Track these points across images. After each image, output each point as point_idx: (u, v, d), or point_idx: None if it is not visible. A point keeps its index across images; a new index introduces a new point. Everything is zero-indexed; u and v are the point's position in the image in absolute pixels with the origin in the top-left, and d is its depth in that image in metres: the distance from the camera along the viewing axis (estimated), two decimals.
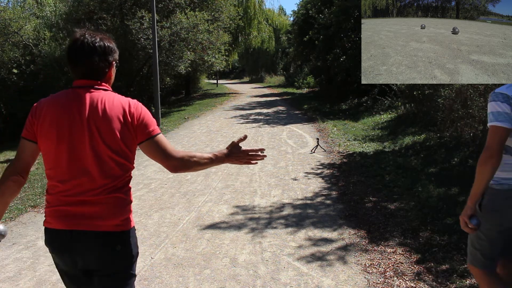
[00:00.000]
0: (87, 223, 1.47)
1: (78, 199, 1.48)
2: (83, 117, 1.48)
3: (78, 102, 1.50)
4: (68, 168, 1.48)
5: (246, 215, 3.96)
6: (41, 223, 3.96)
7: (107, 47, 1.58)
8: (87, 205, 1.48)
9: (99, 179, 1.48)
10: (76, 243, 1.48)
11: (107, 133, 1.48)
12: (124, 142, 1.50)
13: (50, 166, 1.52)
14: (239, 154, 1.68)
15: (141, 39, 13.30)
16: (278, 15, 35.21)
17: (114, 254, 1.51)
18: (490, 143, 1.81)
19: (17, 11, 14.48)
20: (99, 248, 1.49)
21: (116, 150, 1.49)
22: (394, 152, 6.16)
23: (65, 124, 1.48)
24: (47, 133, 1.49)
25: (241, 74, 47.03)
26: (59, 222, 1.49)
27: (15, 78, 13.38)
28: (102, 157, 1.48)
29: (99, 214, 1.48)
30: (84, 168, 1.48)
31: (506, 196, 1.81)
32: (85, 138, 1.47)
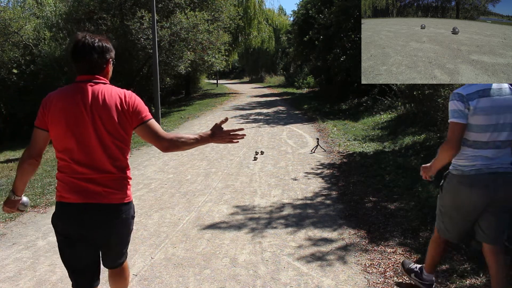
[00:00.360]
0: (96, 197, 1.78)
1: (87, 177, 1.77)
2: (87, 106, 1.76)
3: (82, 93, 1.78)
4: (77, 151, 1.77)
5: (246, 215, 3.96)
6: (41, 223, 3.97)
7: (104, 46, 1.84)
8: (95, 183, 1.78)
9: (104, 160, 1.78)
10: (87, 214, 1.78)
11: (107, 120, 1.76)
12: (122, 127, 1.79)
13: (60, 149, 1.80)
14: (222, 134, 1.92)
15: (141, 39, 13.30)
16: (278, 15, 35.22)
17: (119, 221, 1.86)
18: (450, 136, 2.14)
19: (17, 11, 14.47)
20: (108, 217, 1.82)
21: (115, 135, 1.79)
22: (394, 152, 6.16)
23: (72, 113, 1.76)
24: (57, 121, 1.77)
25: (241, 74, 47.03)
26: (72, 196, 1.78)
27: (15, 78, 13.37)
28: (104, 142, 1.78)
29: (105, 190, 1.79)
30: (91, 150, 1.77)
31: (459, 181, 2.16)
32: (89, 125, 1.76)
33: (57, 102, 1.79)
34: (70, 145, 1.77)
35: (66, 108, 1.77)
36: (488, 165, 2.11)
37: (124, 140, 1.83)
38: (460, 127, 2.10)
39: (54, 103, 1.79)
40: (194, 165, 6.18)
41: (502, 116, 2.09)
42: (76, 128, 1.76)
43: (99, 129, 1.76)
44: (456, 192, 2.19)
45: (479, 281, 2.55)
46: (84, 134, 1.76)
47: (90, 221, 1.79)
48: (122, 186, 1.85)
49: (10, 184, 5.51)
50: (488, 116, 2.08)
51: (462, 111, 2.09)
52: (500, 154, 2.13)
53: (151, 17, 11.56)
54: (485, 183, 2.10)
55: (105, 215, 1.81)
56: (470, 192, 2.13)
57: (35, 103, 13.36)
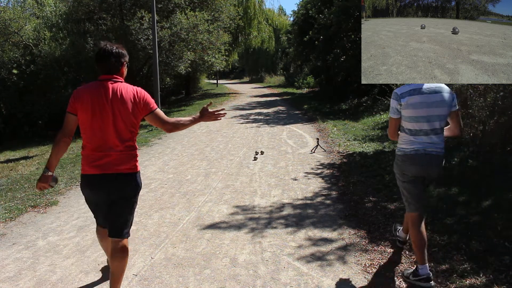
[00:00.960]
0: (112, 168, 2.35)
1: (105, 153, 2.34)
2: (108, 99, 2.33)
3: (104, 89, 2.35)
4: (98, 133, 2.33)
5: (246, 215, 3.96)
6: (41, 223, 3.98)
7: (120, 52, 2.42)
8: (111, 158, 2.35)
9: (118, 141, 2.36)
10: (105, 182, 2.36)
11: (123, 111, 2.34)
12: (134, 116, 2.38)
13: (86, 132, 2.36)
14: (208, 114, 2.58)
15: (141, 39, 13.30)
16: (278, 15, 35.21)
17: (128, 187, 2.43)
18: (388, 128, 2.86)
19: (17, 11, 14.46)
20: (120, 183, 2.39)
21: (128, 122, 2.37)
22: (394, 152, 6.16)
23: (96, 103, 2.31)
24: (84, 109, 2.31)
25: (241, 74, 47.04)
26: (93, 169, 2.36)
27: (15, 78, 13.37)
28: (119, 127, 2.35)
29: (118, 163, 2.37)
30: (107, 133, 2.33)
31: (402, 159, 2.73)
32: (109, 114, 2.32)
33: (85, 94, 2.34)
34: (93, 128, 2.33)
35: (92, 99, 2.32)
36: (424, 147, 2.62)
37: (134, 125, 2.42)
38: (394, 121, 2.73)
39: (82, 95, 2.34)
40: (194, 165, 6.18)
41: (430, 109, 2.57)
42: (99, 116, 2.32)
43: (116, 117, 2.33)
44: (402, 166, 2.74)
45: (479, 281, 2.55)
46: (104, 120, 2.32)
47: (106, 187, 2.38)
48: (130, 160, 2.42)
49: (10, 184, 5.51)
50: (417, 110, 2.57)
51: (396, 108, 2.66)
52: (433, 140, 2.62)
53: (151, 18, 11.56)
54: (421, 161, 2.63)
55: (117, 181, 2.38)
56: (411, 168, 2.68)
57: (35, 103, 13.41)
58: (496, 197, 3.83)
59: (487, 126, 5.25)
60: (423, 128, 2.61)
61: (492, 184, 4.10)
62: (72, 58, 13.68)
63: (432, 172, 2.68)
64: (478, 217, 3.47)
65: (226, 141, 8.23)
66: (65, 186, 5.23)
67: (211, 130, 9.84)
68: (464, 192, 4.08)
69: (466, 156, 5.13)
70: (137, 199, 2.53)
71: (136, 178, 2.47)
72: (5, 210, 4.33)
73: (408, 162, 2.68)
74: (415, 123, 2.61)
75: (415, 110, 2.58)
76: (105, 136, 2.34)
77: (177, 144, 8.13)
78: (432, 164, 2.64)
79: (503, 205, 3.61)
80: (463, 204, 3.79)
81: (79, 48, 13.75)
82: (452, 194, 4.09)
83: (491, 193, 3.93)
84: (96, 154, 2.35)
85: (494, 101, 5.09)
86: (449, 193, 4.11)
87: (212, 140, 8.41)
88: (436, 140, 2.62)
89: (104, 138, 2.34)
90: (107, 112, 2.32)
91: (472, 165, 4.81)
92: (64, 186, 5.25)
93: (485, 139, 5.21)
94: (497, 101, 5.01)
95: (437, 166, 2.66)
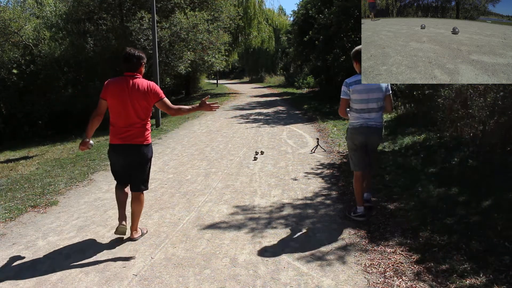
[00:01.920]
0: (131, 140, 3.26)
1: (127, 129, 3.25)
2: (128, 90, 3.23)
3: (127, 82, 3.26)
4: (123, 114, 3.23)
5: (246, 215, 3.96)
6: (41, 223, 3.99)
7: (139, 55, 3.32)
8: (131, 132, 3.25)
9: (136, 120, 3.26)
10: (125, 150, 3.28)
11: (139, 98, 3.24)
12: (147, 102, 3.29)
13: (113, 113, 3.26)
14: (205, 105, 3.42)
15: (141, 39, 13.30)
16: (278, 15, 35.21)
17: (142, 154, 3.33)
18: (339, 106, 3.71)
19: (17, 11, 14.46)
20: (136, 151, 3.30)
21: (143, 106, 3.27)
22: (394, 152, 6.16)
23: (120, 92, 3.22)
24: (112, 96, 3.23)
25: (241, 74, 47.03)
26: (118, 140, 3.28)
27: (15, 78, 13.37)
28: (136, 110, 3.25)
29: (136, 136, 3.27)
30: (128, 114, 3.23)
31: (351, 131, 3.69)
32: (129, 100, 3.23)
33: (113, 85, 3.26)
34: (118, 111, 3.23)
35: (117, 89, 3.23)
36: (366, 122, 3.59)
37: (148, 109, 3.32)
38: (344, 101, 3.64)
39: (110, 86, 3.26)
40: (194, 165, 6.18)
41: (370, 94, 3.52)
42: (122, 101, 3.22)
43: (134, 103, 3.24)
44: (352, 137, 3.69)
45: (479, 281, 2.55)
46: (126, 105, 3.22)
47: (127, 154, 3.30)
48: (144, 135, 3.31)
49: (10, 184, 5.52)
50: (361, 94, 3.52)
51: (346, 92, 3.59)
52: (373, 116, 3.58)
53: (150, 18, 11.56)
54: (364, 132, 3.61)
55: (133, 150, 3.29)
56: (357, 136, 3.64)
57: (35, 103, 13.41)
58: (496, 197, 3.83)
59: (487, 126, 5.25)
60: (365, 107, 3.56)
61: (492, 184, 4.10)
62: (72, 58, 13.69)
63: (373, 139, 3.68)
64: (478, 217, 3.47)
65: (226, 141, 8.23)
66: (65, 186, 5.22)
67: (211, 130, 9.84)
68: (464, 192, 4.08)
69: (466, 156, 5.13)
70: (150, 164, 3.47)
71: (148, 148, 3.37)
72: (5, 210, 4.33)
73: (355, 132, 3.65)
74: (360, 104, 3.55)
75: (360, 95, 3.53)
76: (127, 117, 3.24)
77: (177, 144, 8.13)
78: (372, 133, 3.61)
79: (503, 205, 3.61)
80: (463, 204, 3.79)
81: (79, 48, 13.76)
82: (452, 194, 4.09)
83: (491, 193, 3.93)
84: (121, 129, 3.25)
85: (494, 101, 5.09)
86: (449, 193, 4.11)
87: (212, 140, 8.41)
88: (375, 116, 3.59)
89: (127, 118, 3.24)
90: (128, 99, 3.22)
91: (472, 165, 4.81)
92: (64, 186, 5.25)
93: (485, 139, 5.21)
94: (497, 101, 5.01)
95: (376, 135, 3.65)
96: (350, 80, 3.60)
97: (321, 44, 14.43)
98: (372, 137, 3.63)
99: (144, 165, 3.37)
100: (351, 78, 3.59)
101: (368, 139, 3.63)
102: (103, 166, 6.31)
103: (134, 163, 3.31)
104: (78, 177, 5.67)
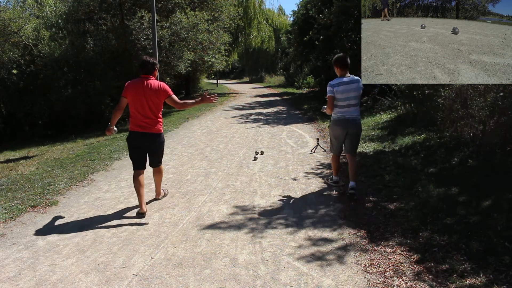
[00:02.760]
0: (146, 129, 4.07)
1: (142, 120, 4.04)
2: (143, 89, 4.02)
3: (142, 83, 4.03)
4: (140, 108, 4.02)
5: (246, 215, 3.96)
6: (41, 223, 4.00)
7: (153, 62, 4.14)
8: (146, 123, 4.05)
9: (150, 113, 4.06)
10: (141, 136, 4.07)
11: (152, 96, 4.03)
12: (158, 99, 4.06)
13: (132, 107, 4.04)
14: (205, 98, 4.11)
15: (141, 39, 13.29)
16: (278, 15, 35.20)
17: (155, 141, 4.17)
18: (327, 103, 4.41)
19: (17, 11, 14.43)
20: (150, 139, 4.12)
21: (155, 102, 4.06)
22: (394, 152, 6.16)
23: (137, 91, 4.01)
24: (130, 94, 4.01)
25: (241, 74, 47.03)
26: (136, 128, 4.06)
27: (15, 78, 13.35)
28: (150, 105, 4.04)
29: (150, 126, 4.07)
30: (144, 108, 4.02)
31: (334, 123, 4.49)
32: (143, 97, 4.01)
33: (131, 85, 4.05)
34: (136, 105, 4.04)
35: (135, 88, 4.03)
36: (345, 115, 4.38)
37: (159, 104, 4.13)
38: (331, 98, 4.36)
39: (130, 86, 4.05)
40: (194, 165, 6.18)
41: (349, 93, 4.32)
42: (138, 98, 4.02)
43: (148, 100, 4.04)
44: (333, 128, 4.52)
45: (479, 281, 2.55)
46: (142, 101, 4.03)
47: (142, 140, 4.10)
48: (156, 125, 4.13)
49: (10, 184, 5.52)
50: (342, 94, 4.32)
51: (332, 91, 4.34)
52: (352, 110, 4.37)
53: (151, 17, 11.56)
54: (343, 123, 4.41)
55: (149, 137, 4.12)
56: (338, 128, 4.47)
57: (35, 103, 13.40)
58: (496, 197, 3.83)
59: (487, 126, 5.25)
60: (346, 104, 4.35)
61: (492, 184, 4.10)
62: (72, 58, 13.67)
63: (351, 129, 4.41)
64: (478, 217, 3.47)
65: (226, 141, 8.23)
66: (65, 186, 5.22)
67: (211, 130, 9.84)
68: (464, 192, 4.08)
69: (466, 156, 5.13)
70: (163, 147, 4.34)
71: (160, 136, 4.22)
72: (5, 210, 4.33)
73: (336, 123, 4.47)
74: (341, 101, 4.36)
75: (342, 94, 4.33)
76: (143, 110, 4.04)
77: (177, 144, 8.13)
78: (349, 124, 4.40)
79: (503, 205, 3.61)
80: (463, 204, 3.79)
81: (78, 48, 13.74)
82: (452, 194, 4.09)
83: (491, 193, 3.93)
84: (138, 120, 4.06)
85: (494, 101, 5.09)
86: (449, 193, 4.11)
87: (212, 140, 8.41)
88: (352, 110, 4.37)
89: (142, 111, 4.04)
90: (143, 96, 4.03)
91: (472, 165, 4.81)
92: (64, 186, 5.25)
93: (485, 139, 5.21)
94: (497, 101, 5.01)
95: (354, 125, 4.40)
96: (333, 82, 4.36)
97: (321, 44, 14.42)
98: (350, 127, 4.40)
99: (158, 149, 4.26)
100: (334, 81, 4.36)
101: (347, 129, 4.41)
102: (103, 166, 6.31)
103: (149, 148, 4.17)
104: (78, 177, 5.67)
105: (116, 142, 8.72)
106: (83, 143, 9.48)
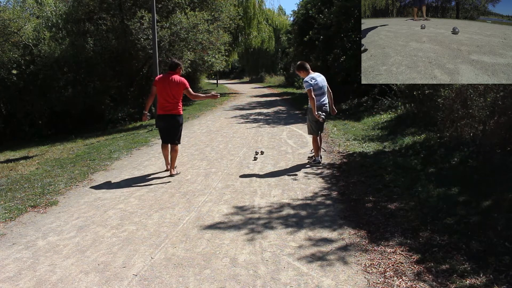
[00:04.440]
0: (169, 111, 5.51)
1: (167, 104, 5.48)
2: (168, 81, 5.46)
3: (168, 77, 5.49)
4: (165, 95, 5.47)
5: (246, 215, 3.96)
6: (41, 223, 4.00)
7: (177, 63, 5.62)
8: (168, 106, 5.49)
9: (173, 100, 5.48)
10: (166, 117, 5.54)
11: (174, 87, 5.46)
12: (178, 89, 5.50)
13: (159, 95, 5.51)
14: (211, 95, 5.72)
15: (141, 39, 13.28)
16: (278, 15, 35.19)
17: (176, 121, 5.57)
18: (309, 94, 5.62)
19: (17, 11, 14.43)
20: (172, 119, 5.55)
21: (177, 91, 5.49)
22: (394, 152, 6.16)
23: (164, 82, 5.48)
24: (159, 84, 5.51)
25: (241, 74, 47.03)
26: (162, 111, 5.53)
27: (15, 78, 13.34)
28: (173, 93, 5.46)
29: (172, 108, 5.51)
30: (169, 96, 5.46)
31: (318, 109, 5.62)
32: (168, 87, 5.45)
33: (160, 79, 5.51)
34: (162, 93, 5.44)
35: (162, 80, 5.46)
36: (321, 102, 5.65)
37: (179, 93, 5.48)
38: (310, 91, 5.55)
39: (159, 78, 5.53)
40: (194, 165, 6.18)
41: (323, 85, 5.71)
42: (164, 88, 5.42)
43: (171, 89, 5.42)
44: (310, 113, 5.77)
45: (479, 281, 2.55)
46: (167, 90, 5.42)
47: (166, 119, 5.52)
48: (177, 108, 5.49)
49: (10, 184, 5.52)
50: (319, 86, 5.62)
51: (311, 85, 5.56)
52: (324, 98, 5.68)
53: (151, 17, 11.55)
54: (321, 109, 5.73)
55: (171, 118, 5.49)
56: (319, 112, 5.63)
57: (35, 103, 13.40)
58: (496, 197, 3.83)
59: (487, 126, 5.25)
60: (321, 94, 5.66)
61: (492, 184, 4.10)
62: (72, 58, 13.66)
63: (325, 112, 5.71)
64: (478, 217, 3.47)
65: (226, 141, 8.23)
66: (65, 186, 5.23)
67: (211, 130, 9.84)
68: (464, 192, 4.08)
69: (466, 156, 5.13)
70: (182, 127, 5.65)
71: (180, 117, 5.55)
72: (5, 210, 4.33)
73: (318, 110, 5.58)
74: (318, 92, 5.62)
75: (318, 86, 5.62)
76: (167, 97, 5.40)
77: None
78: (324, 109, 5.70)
79: (503, 205, 3.61)
80: (463, 204, 3.79)
81: (79, 48, 13.73)
82: (452, 194, 4.09)
83: (491, 193, 3.93)
84: (163, 105, 5.43)
85: (494, 101, 5.09)
86: (449, 193, 4.11)
87: (212, 140, 8.41)
88: (325, 98, 5.72)
89: (167, 97, 5.40)
90: (167, 86, 5.38)
91: (472, 165, 4.81)
92: (64, 186, 5.25)
93: (485, 139, 5.21)
94: (497, 101, 5.01)
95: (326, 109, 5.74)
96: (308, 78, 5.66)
97: (321, 44, 14.41)
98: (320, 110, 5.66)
99: (177, 127, 5.55)
100: (309, 78, 5.64)
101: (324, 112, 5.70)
102: (103, 166, 6.31)
103: (171, 126, 5.48)
104: (78, 177, 5.67)
105: (116, 142, 8.72)
106: (83, 143, 9.48)
